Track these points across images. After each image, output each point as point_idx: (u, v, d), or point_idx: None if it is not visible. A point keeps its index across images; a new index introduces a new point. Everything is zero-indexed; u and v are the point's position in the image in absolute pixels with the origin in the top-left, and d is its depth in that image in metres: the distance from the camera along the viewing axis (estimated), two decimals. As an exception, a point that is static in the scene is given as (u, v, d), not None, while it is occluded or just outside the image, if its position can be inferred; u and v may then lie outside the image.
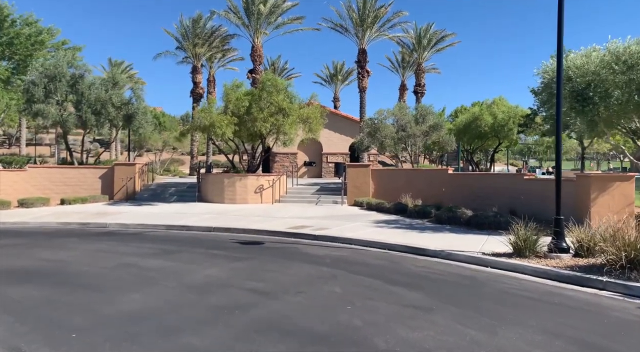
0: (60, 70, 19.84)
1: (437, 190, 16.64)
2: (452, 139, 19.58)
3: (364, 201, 17.13)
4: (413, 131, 18.75)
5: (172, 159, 43.09)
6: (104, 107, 20.59)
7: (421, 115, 19.73)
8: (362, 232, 11.37)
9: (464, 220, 12.48)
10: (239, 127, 17.68)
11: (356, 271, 7.49)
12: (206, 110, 17.09)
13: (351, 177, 18.24)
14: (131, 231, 12.25)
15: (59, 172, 19.64)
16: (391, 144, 18.60)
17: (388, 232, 11.45)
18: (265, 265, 7.90)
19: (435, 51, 30.87)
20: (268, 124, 17.09)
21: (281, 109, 17.39)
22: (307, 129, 18.46)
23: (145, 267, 7.58)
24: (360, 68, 27.02)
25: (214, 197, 18.50)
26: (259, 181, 18.46)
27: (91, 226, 13.08)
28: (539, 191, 13.55)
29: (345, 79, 44.25)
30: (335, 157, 30.20)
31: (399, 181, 17.84)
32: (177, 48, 30.66)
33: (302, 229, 11.93)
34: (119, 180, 19.41)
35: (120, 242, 10.17)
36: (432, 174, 17.69)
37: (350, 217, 14.31)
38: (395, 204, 15.22)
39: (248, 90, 18.19)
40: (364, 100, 27.26)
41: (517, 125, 27.10)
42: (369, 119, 19.68)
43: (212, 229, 12.44)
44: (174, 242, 10.40)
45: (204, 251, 9.19)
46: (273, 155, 30.12)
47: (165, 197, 19.53)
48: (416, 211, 14.11)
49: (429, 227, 12.30)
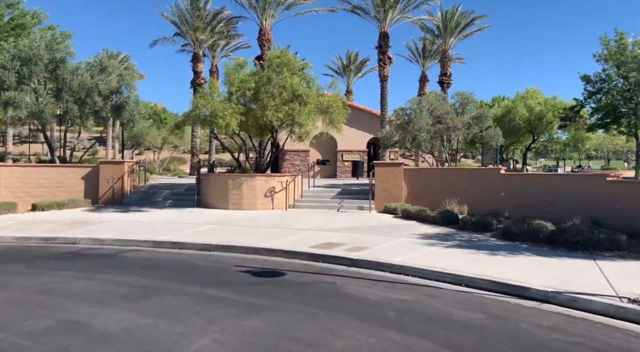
0: (37, 53, 16.89)
1: (485, 194, 13.62)
2: (499, 133, 16.50)
3: (398, 207, 14.11)
4: (454, 123, 15.68)
5: (173, 158, 40.21)
6: (89, 95, 17.66)
7: (461, 104, 16.67)
8: (415, 254, 8.36)
9: (544, 236, 9.45)
10: (245, 118, 14.69)
11: (446, 340, 4.48)
12: (206, 96, 14.09)
13: (380, 178, 15.22)
14: (105, 251, 9.29)
15: (36, 172, 16.71)
16: (427, 138, 15.57)
17: (449, 254, 8.43)
18: (295, 323, 4.91)
19: (463, 37, 27.72)
20: (281, 113, 14.08)
21: (297, 95, 14.37)
22: (327, 120, 15.44)
23: (99, 333, 4.60)
24: (382, 54, 23.93)
25: (216, 201, 15.54)
26: (269, 183, 15.47)
27: (57, 242, 10.13)
28: (634, 196, 10.49)
29: (359, 70, 41.04)
30: (352, 155, 27.16)
31: (437, 182, 14.81)
32: (174, 34, 27.64)
33: (331, 248, 8.94)
34: (104, 181, 16.47)
35: (81, 274, 7.20)
36: (480, 174, 14.64)
37: (387, 230, 11.30)
38: (441, 213, 12.18)
39: (254, 70, 15.18)
40: (385, 90, 24.16)
41: (559, 119, 24.01)
42: (400, 108, 16.66)
43: (212, 248, 9.46)
44: (157, 271, 7.43)
45: (199, 291, 6.21)
46: (282, 153, 27.09)
47: (159, 201, 16.58)
48: (473, 222, 11.07)
49: (499, 246, 9.27)
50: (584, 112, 23.16)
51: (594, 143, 51.29)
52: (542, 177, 13.41)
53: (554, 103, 26.41)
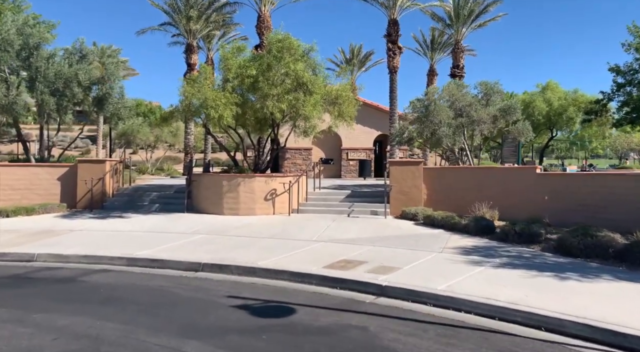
0: (6, 37, 14.93)
1: (519, 197, 11.75)
2: (528, 128, 14.55)
3: (418, 212, 12.19)
4: (479, 115, 13.76)
5: (167, 157, 38.13)
6: (68, 86, 15.69)
7: (485, 95, 14.75)
8: (461, 278, 6.45)
9: (615, 251, 7.56)
10: (242, 110, 12.75)
11: None
12: (196, 84, 12.13)
13: (396, 178, 13.30)
14: (64, 273, 7.35)
15: (6, 172, 14.74)
16: (449, 133, 13.66)
17: (503, 277, 6.53)
18: None
19: (476, 27, 25.80)
20: (284, 104, 12.14)
21: (301, 83, 12.44)
22: (335, 112, 13.50)
23: None
24: (391, 43, 21.96)
25: (209, 206, 13.59)
26: (270, 184, 13.52)
27: (7, 259, 8.18)
28: None
29: (363, 64, 39.05)
30: (357, 153, 25.21)
31: (462, 184, 12.91)
32: (163, 24, 25.50)
33: (350, 268, 7.02)
34: (82, 182, 14.51)
35: (13, 313, 5.25)
36: (512, 174, 12.73)
37: (413, 241, 9.38)
38: (475, 220, 10.25)
39: (255, 54, 13.21)
40: (394, 82, 22.18)
41: (584, 113, 22.06)
42: (416, 99, 14.70)
43: (200, 267, 7.53)
44: (122, 306, 5.49)
45: (171, 347, 4.27)
46: (283, 152, 25.13)
47: (144, 205, 14.62)
48: (517, 232, 9.15)
49: (562, 265, 7.35)
50: (610, 106, 21.27)
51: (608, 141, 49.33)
52: (596, 178, 11.48)
53: (575, 97, 24.48)
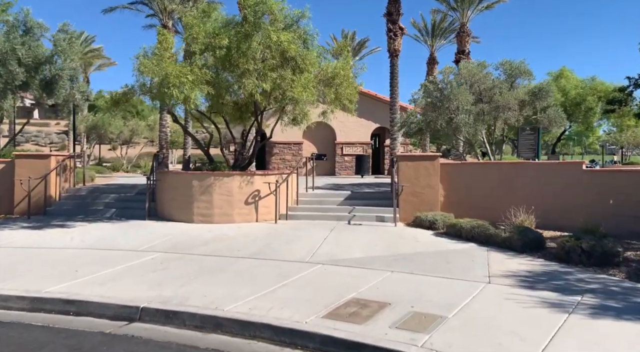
0: None
1: (559, 200, 9.43)
2: (562, 115, 12.14)
3: (437, 218, 9.71)
4: (505, 100, 11.31)
5: (145, 153, 35.27)
6: (4, 64, 12.89)
7: (509, 77, 12.31)
8: (545, 339, 3.96)
9: None
10: (216, 91, 10.10)
11: None
12: (155, 56, 9.45)
13: (407, 176, 10.78)
14: None
15: None
16: (469, 121, 11.20)
17: (603, 332, 4.07)
18: None
19: (483, 8, 23.46)
20: (267, 83, 9.55)
21: (289, 58, 9.83)
22: (332, 95, 10.93)
23: None
24: (392, 23, 19.40)
25: (176, 211, 10.96)
26: (252, 184, 10.91)
27: None
28: None
29: (358, 52, 36.55)
30: (354, 148, 22.69)
31: (487, 183, 10.49)
32: (134, 3, 22.64)
33: (366, 320, 4.50)
34: (19, 183, 11.76)
35: None
36: (550, 171, 10.29)
37: (442, 262, 6.88)
38: (520, 232, 7.77)
39: (228, 19, 10.56)
40: (395, 67, 19.65)
41: (606, 102, 19.76)
42: (429, 81, 12.22)
43: (136, 314, 4.96)
44: None
45: None
46: (270, 146, 22.57)
47: (98, 210, 11.93)
48: (583, 249, 6.70)
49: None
50: (636, 95, 19.00)
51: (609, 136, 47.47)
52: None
53: (593, 85, 22.20)
